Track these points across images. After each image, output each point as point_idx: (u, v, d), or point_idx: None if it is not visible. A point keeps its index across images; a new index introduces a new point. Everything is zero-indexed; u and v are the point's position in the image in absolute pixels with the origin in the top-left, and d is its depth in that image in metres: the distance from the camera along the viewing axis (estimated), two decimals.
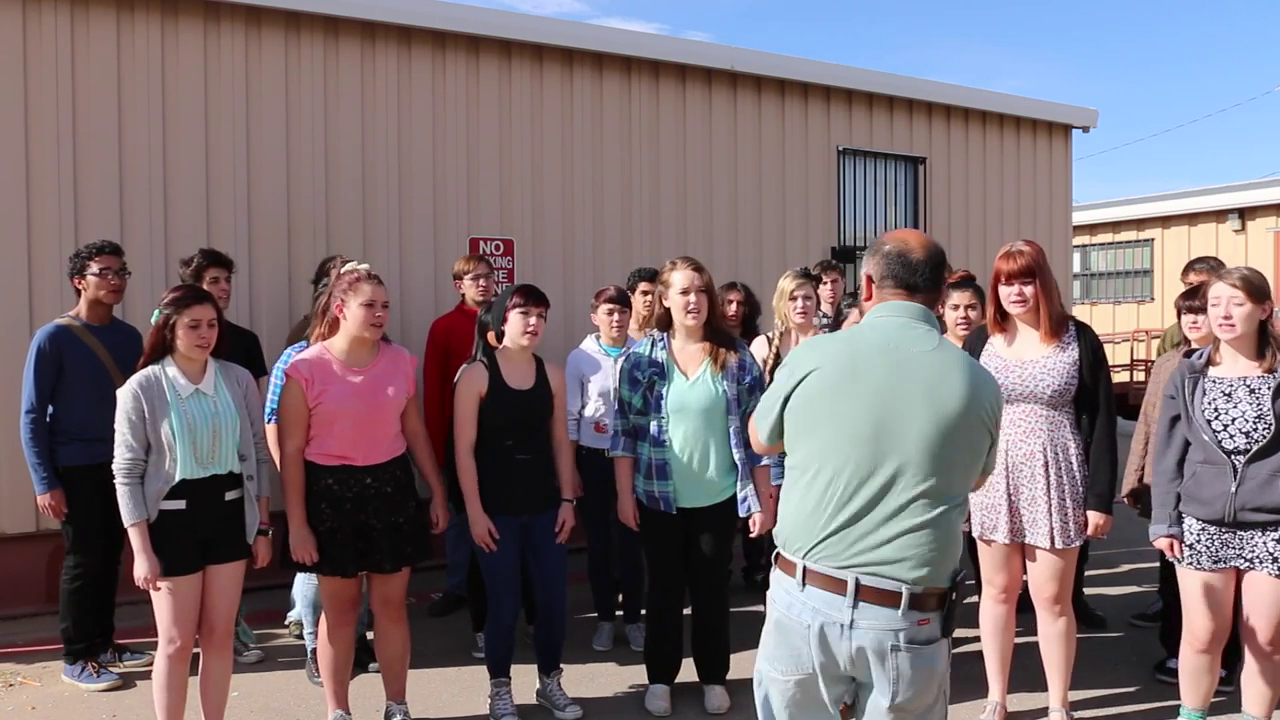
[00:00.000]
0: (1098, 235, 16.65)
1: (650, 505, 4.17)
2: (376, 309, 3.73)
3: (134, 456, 3.44)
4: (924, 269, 2.45)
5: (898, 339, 2.38)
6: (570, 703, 4.24)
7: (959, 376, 2.34)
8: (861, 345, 2.40)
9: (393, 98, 6.43)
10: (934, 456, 2.29)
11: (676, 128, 7.51)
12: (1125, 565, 6.44)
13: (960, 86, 9.05)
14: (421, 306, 6.33)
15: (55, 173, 5.51)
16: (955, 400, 2.31)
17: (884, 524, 2.29)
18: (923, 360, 2.35)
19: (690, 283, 4.08)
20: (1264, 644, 3.57)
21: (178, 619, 3.53)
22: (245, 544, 3.66)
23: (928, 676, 2.31)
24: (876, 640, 2.28)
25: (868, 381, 2.33)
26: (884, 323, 2.42)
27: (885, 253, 2.48)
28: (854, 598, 2.28)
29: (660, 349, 4.18)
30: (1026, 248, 3.83)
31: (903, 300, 2.44)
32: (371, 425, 3.76)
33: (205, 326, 3.52)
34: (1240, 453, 3.52)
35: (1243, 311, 3.53)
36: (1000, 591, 4.02)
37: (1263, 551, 3.52)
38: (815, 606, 2.33)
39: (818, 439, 2.37)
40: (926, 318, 2.44)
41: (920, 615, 2.29)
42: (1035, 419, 3.84)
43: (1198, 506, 3.62)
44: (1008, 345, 3.92)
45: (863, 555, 2.29)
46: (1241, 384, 3.56)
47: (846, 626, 2.30)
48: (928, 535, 2.29)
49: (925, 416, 2.29)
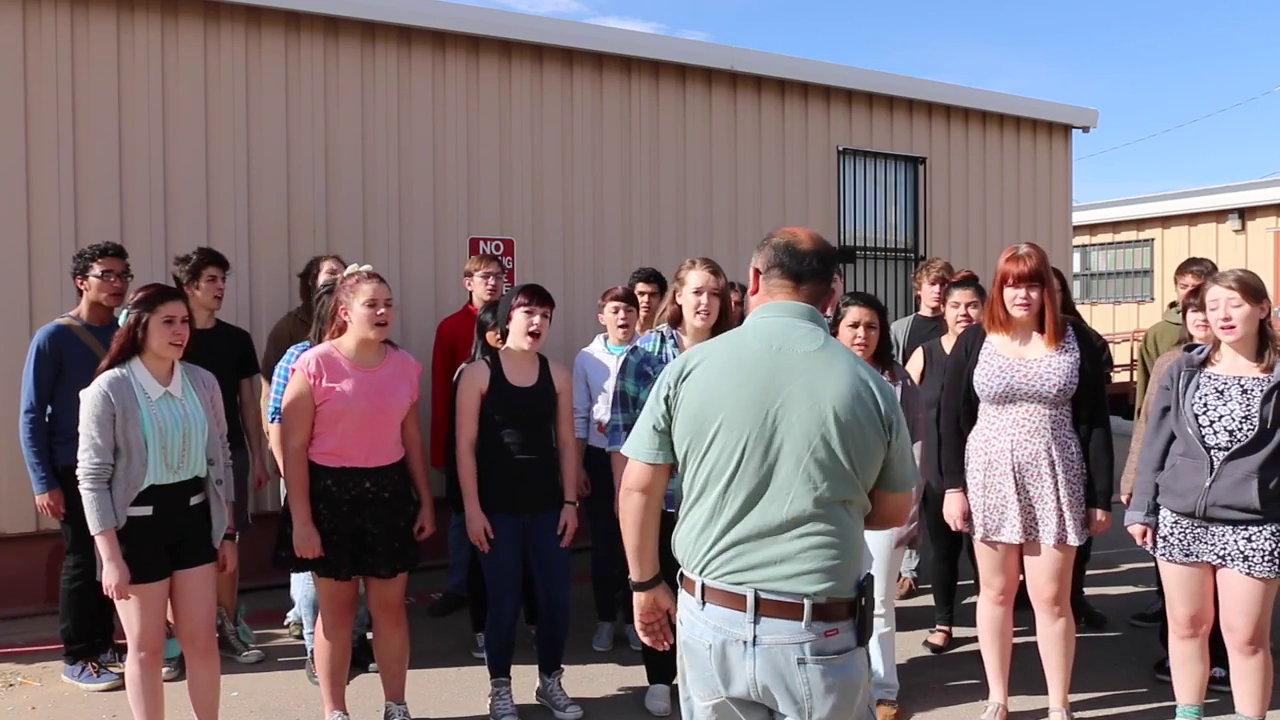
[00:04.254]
0: (1098, 235, 16.66)
1: None
2: (379, 307, 3.73)
3: (102, 461, 3.34)
4: (810, 259, 2.35)
5: (780, 340, 2.28)
6: (570, 703, 4.24)
7: (841, 375, 2.23)
8: (744, 350, 2.29)
9: (393, 98, 6.43)
10: (823, 461, 2.19)
11: (676, 128, 7.51)
12: (1125, 565, 6.45)
13: (960, 86, 9.05)
14: (421, 306, 6.33)
15: (55, 173, 5.51)
16: (838, 399, 2.20)
17: (779, 534, 2.19)
18: (806, 361, 2.24)
19: (704, 284, 4.08)
20: (1243, 642, 3.61)
21: (146, 625, 3.47)
22: (213, 547, 3.61)
23: (844, 689, 2.20)
24: (782, 655, 2.17)
25: (752, 385, 2.23)
26: (766, 324, 2.32)
27: (773, 244, 2.39)
28: (754, 612, 2.18)
29: (670, 346, 4.19)
30: (1032, 250, 3.85)
31: (787, 298, 2.35)
32: (375, 426, 3.76)
33: (179, 323, 3.47)
34: (1221, 449, 3.54)
35: (1242, 313, 3.55)
36: (998, 593, 4.03)
37: (1234, 549, 3.54)
38: (716, 625, 2.22)
39: (706, 450, 2.25)
40: (811, 316, 2.33)
41: (827, 626, 2.19)
42: (1039, 419, 3.85)
43: (1173, 498, 3.67)
44: (1009, 345, 3.93)
45: (760, 568, 2.19)
46: (1236, 383, 3.58)
47: (749, 643, 2.19)
48: (826, 543, 2.19)
49: (809, 419, 2.19)
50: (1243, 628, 3.58)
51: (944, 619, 5.13)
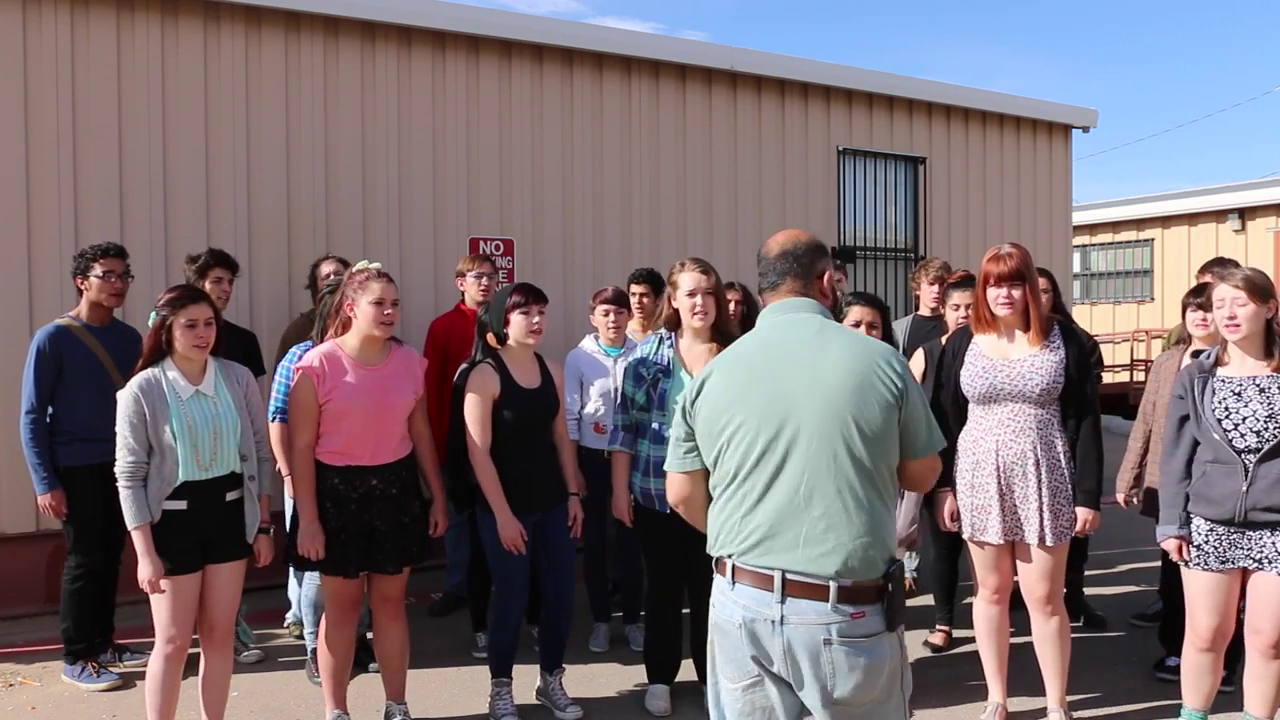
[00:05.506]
0: (1098, 235, 16.65)
1: (646, 504, 4.17)
2: (386, 306, 3.74)
3: (136, 460, 3.44)
4: (775, 264, 2.50)
5: (778, 334, 2.43)
6: (571, 703, 4.24)
7: (840, 353, 2.33)
8: (745, 349, 2.46)
9: (393, 98, 6.43)
10: (835, 440, 2.28)
11: (676, 128, 7.51)
12: (1125, 565, 6.44)
13: (960, 86, 9.05)
14: (421, 306, 6.33)
15: (55, 173, 5.51)
16: (841, 377, 2.30)
17: (798, 513, 2.28)
18: (803, 346, 2.37)
19: (697, 284, 4.09)
20: (1269, 645, 3.57)
21: (177, 619, 3.53)
22: (245, 543, 3.66)
23: (869, 670, 2.26)
24: (808, 635, 2.26)
25: (759, 379, 2.36)
26: (764, 325, 2.49)
27: (759, 261, 2.57)
28: (781, 593, 2.27)
29: (668, 348, 4.19)
30: (1014, 250, 3.85)
31: (779, 298, 2.50)
32: (380, 424, 3.77)
33: (202, 326, 3.52)
34: (1251, 451, 3.51)
35: (1247, 311, 3.54)
36: (993, 593, 4.03)
37: (1271, 552, 3.51)
38: (744, 604, 2.32)
39: (724, 442, 2.38)
40: (805, 306, 2.47)
41: (854, 608, 2.25)
42: (1024, 418, 3.85)
43: (1207, 506, 3.62)
44: (995, 345, 3.93)
45: (787, 551, 2.28)
46: (1251, 383, 3.57)
47: (776, 623, 2.28)
48: (848, 523, 2.27)
49: (818, 402, 2.29)
50: (1270, 630, 3.54)
51: (944, 619, 5.13)
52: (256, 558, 3.69)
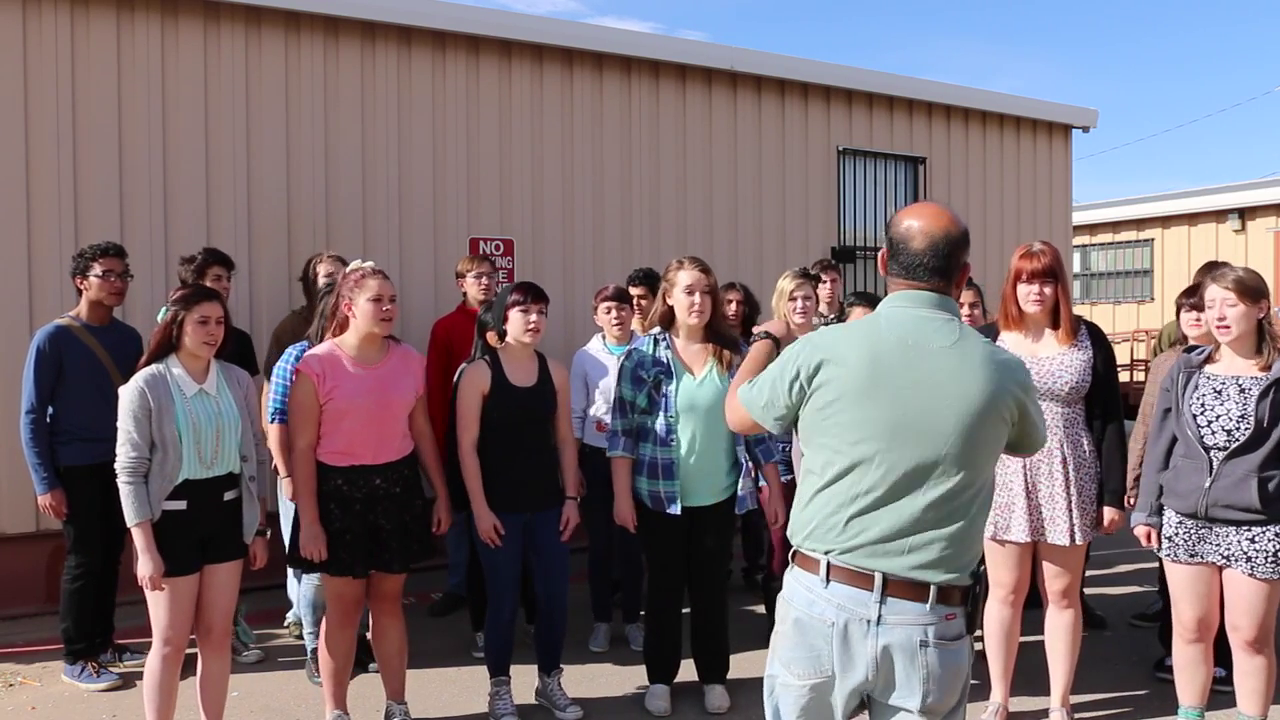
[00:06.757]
0: (1098, 235, 16.65)
1: (654, 506, 4.15)
2: (384, 303, 3.74)
3: (139, 455, 3.43)
4: (925, 258, 2.31)
5: (915, 335, 2.29)
6: (570, 703, 4.24)
7: (981, 370, 2.27)
8: (880, 345, 2.30)
9: (393, 98, 6.43)
10: (959, 452, 2.25)
11: (676, 128, 7.50)
12: (1125, 565, 6.45)
13: (960, 86, 9.05)
14: (421, 306, 6.33)
15: (55, 173, 5.51)
16: (978, 396, 2.25)
17: (910, 520, 2.25)
18: (943, 356, 2.27)
19: (695, 282, 4.09)
20: (1247, 642, 3.61)
21: (174, 620, 3.52)
22: (243, 543, 3.67)
23: (955, 675, 2.27)
24: (905, 636, 2.23)
25: (890, 381, 2.27)
26: (899, 314, 2.33)
27: (892, 235, 2.38)
28: (881, 593, 2.23)
29: (664, 348, 4.18)
30: (1046, 248, 3.87)
31: (914, 289, 2.34)
32: (381, 423, 3.77)
33: (214, 324, 3.53)
34: (1219, 449, 3.54)
35: (1236, 312, 3.55)
36: (1008, 592, 4.02)
37: (1237, 550, 3.55)
38: (840, 603, 2.26)
39: (840, 439, 2.31)
40: (943, 305, 2.33)
41: (947, 610, 2.25)
42: (1051, 417, 3.85)
43: (1175, 499, 3.68)
44: (1022, 343, 3.93)
45: (889, 551, 2.25)
46: (1234, 382, 3.59)
47: (873, 623, 2.24)
48: (953, 530, 2.26)
49: (950, 413, 2.24)
50: (1247, 627, 3.58)
51: None
52: (251, 560, 3.70)
